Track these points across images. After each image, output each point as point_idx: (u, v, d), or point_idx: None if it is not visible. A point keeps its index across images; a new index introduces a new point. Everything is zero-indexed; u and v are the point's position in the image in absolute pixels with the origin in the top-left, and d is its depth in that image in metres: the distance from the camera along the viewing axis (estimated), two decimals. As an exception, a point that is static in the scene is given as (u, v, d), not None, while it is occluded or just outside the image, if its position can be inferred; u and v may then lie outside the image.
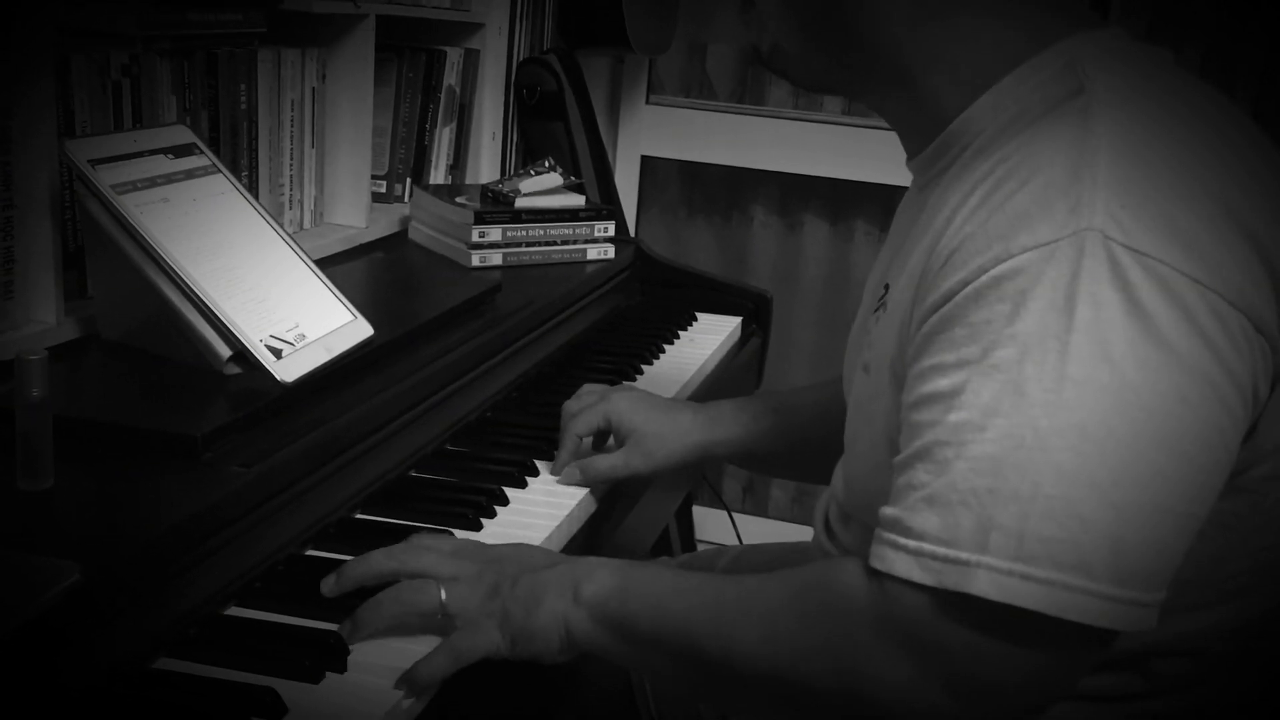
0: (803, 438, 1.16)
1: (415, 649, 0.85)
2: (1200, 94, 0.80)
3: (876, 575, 0.74)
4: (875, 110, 0.92)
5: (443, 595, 0.86)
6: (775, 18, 0.88)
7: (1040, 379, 0.69)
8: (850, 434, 0.95)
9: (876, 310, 0.90)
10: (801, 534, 2.66)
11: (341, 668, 0.83)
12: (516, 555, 0.91)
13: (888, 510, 0.74)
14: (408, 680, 0.82)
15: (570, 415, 1.19)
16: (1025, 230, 0.71)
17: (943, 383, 0.73)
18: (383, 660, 0.84)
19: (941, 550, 0.70)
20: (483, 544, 0.95)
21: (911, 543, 0.71)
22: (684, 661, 0.82)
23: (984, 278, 0.71)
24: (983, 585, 0.68)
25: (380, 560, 0.90)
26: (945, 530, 0.70)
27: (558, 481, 1.16)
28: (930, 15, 0.83)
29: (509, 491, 1.13)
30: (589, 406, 1.19)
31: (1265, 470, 0.76)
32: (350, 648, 0.85)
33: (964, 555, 0.69)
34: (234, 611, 0.89)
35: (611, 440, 1.21)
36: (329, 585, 0.90)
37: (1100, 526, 0.68)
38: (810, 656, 0.75)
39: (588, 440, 1.20)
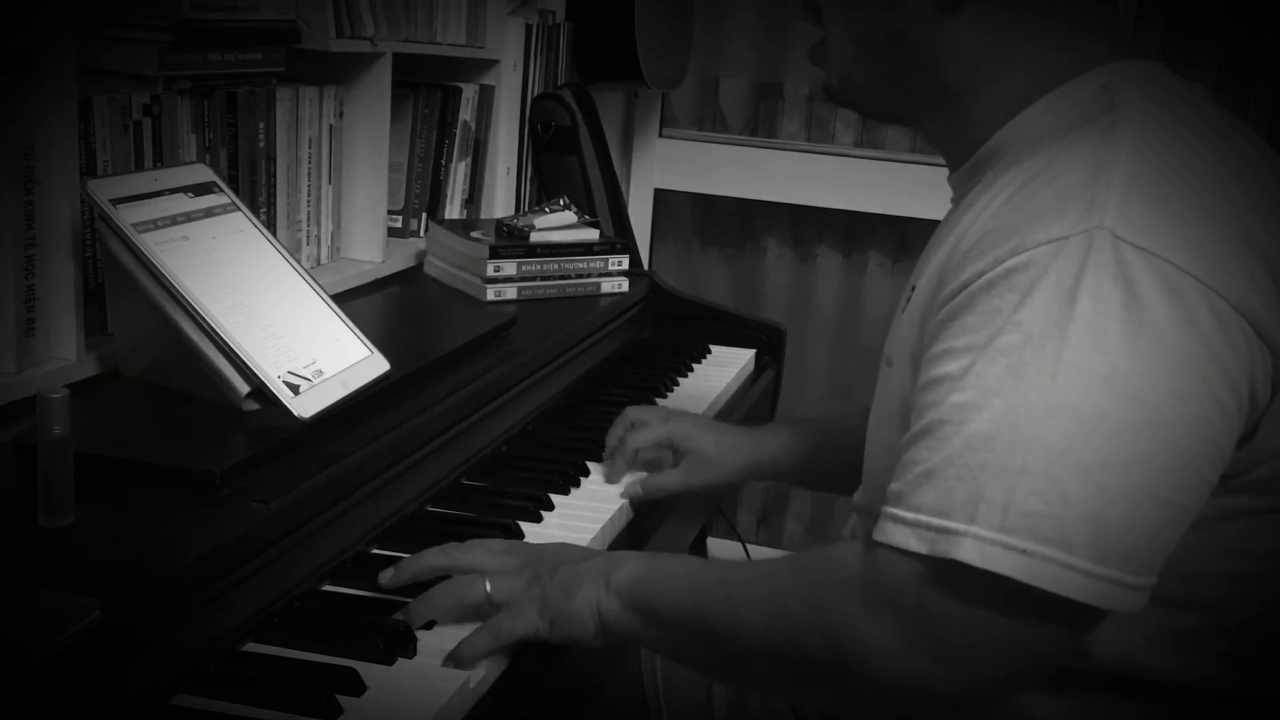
0: (847, 456, 1.19)
1: (431, 702, 0.85)
2: (1230, 126, 0.84)
3: (872, 547, 0.77)
4: (921, 133, 0.99)
5: (488, 587, 0.94)
6: (847, 53, 0.94)
7: (1038, 364, 0.72)
8: (870, 429, 0.99)
9: (902, 311, 0.94)
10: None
11: (358, 704, 0.84)
12: (556, 550, 0.99)
13: (892, 486, 0.78)
14: (454, 657, 0.89)
15: (630, 424, 1.29)
16: (1040, 226, 0.75)
17: (951, 366, 0.77)
18: (399, 699, 0.85)
19: (935, 521, 0.73)
20: (527, 543, 1.04)
21: (909, 514, 0.75)
22: (698, 639, 0.87)
23: (998, 269, 0.76)
24: (968, 552, 0.71)
25: (434, 556, 0.98)
26: (940, 502, 0.74)
27: (620, 493, 1.24)
28: (993, 46, 0.88)
29: (525, 526, 1.13)
30: (652, 423, 1.28)
31: (1265, 472, 0.79)
32: (368, 686, 0.85)
33: (954, 525, 0.72)
34: (251, 647, 0.90)
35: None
36: (386, 577, 0.98)
37: (1083, 505, 0.71)
38: (804, 625, 0.79)
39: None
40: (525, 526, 1.13)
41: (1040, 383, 0.72)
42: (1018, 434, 0.72)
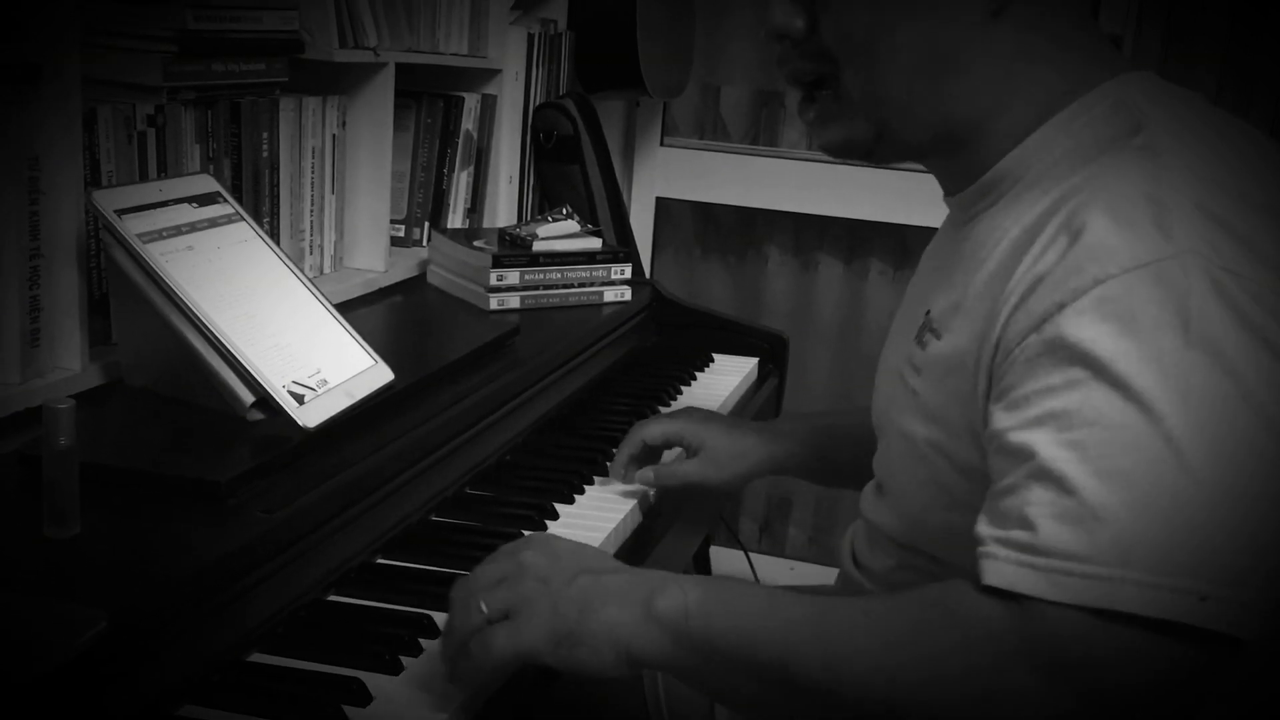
0: (854, 454, 1.18)
1: (438, 711, 0.85)
2: (1239, 130, 0.85)
3: (1005, 597, 0.72)
4: (926, 165, 0.94)
5: (483, 608, 0.82)
6: (881, 96, 0.88)
7: (1164, 391, 0.69)
8: (888, 457, 0.96)
9: (919, 336, 0.91)
10: (818, 574, 2.66)
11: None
12: (576, 552, 0.87)
13: (998, 530, 0.73)
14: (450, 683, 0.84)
15: (642, 425, 1.27)
16: (1120, 252, 0.73)
17: (1053, 404, 0.73)
18: (406, 708, 0.85)
19: (1079, 567, 0.69)
20: (549, 537, 0.90)
21: (1042, 560, 0.70)
22: (778, 686, 0.77)
23: (1082, 300, 0.73)
24: (1131, 600, 0.68)
25: (449, 615, 0.86)
26: (1082, 547, 0.70)
27: (634, 482, 1.24)
28: (1019, 52, 0.86)
29: (529, 535, 1.13)
30: (663, 417, 1.27)
31: None
32: (374, 696, 0.85)
33: (1106, 571, 0.69)
34: (257, 658, 0.89)
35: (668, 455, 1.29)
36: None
37: (1240, 535, 0.69)
38: (937, 684, 0.73)
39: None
40: (530, 535, 1.13)
41: (1171, 412, 0.69)
42: (1161, 469, 0.69)
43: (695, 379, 1.72)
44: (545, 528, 1.16)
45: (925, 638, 0.74)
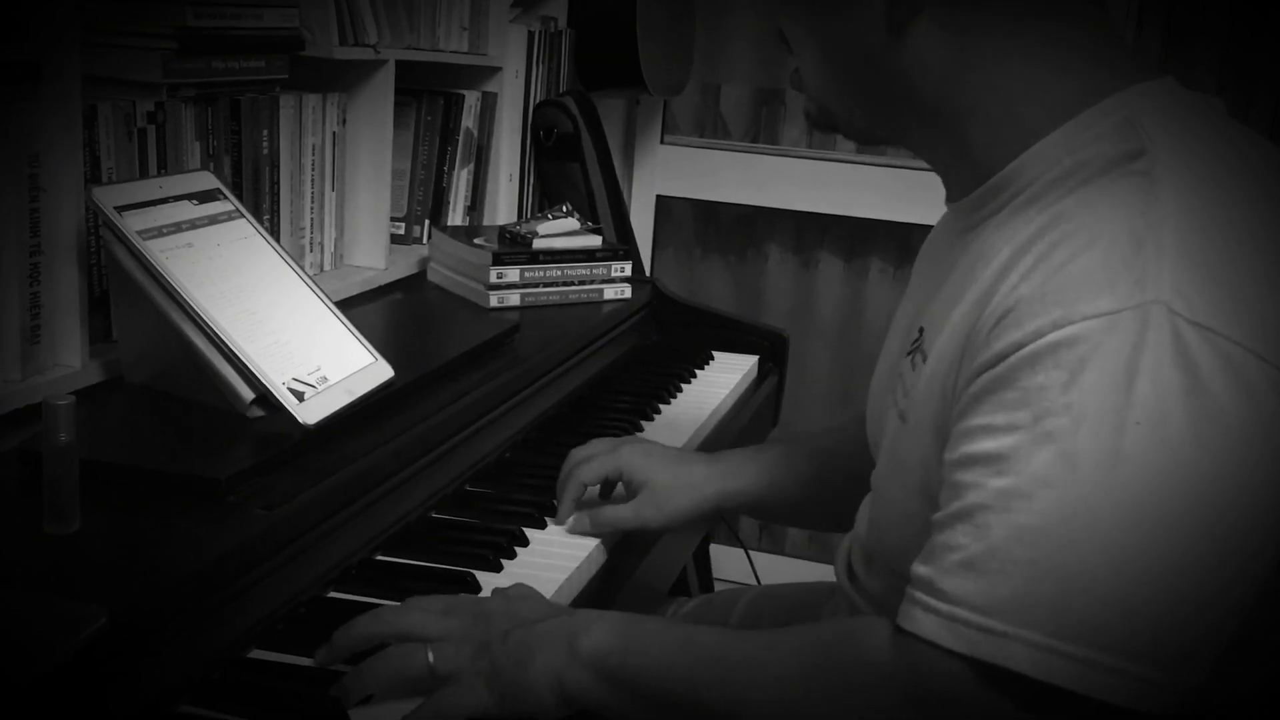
0: (817, 487, 1.16)
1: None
2: (1254, 147, 0.79)
3: (903, 636, 0.72)
4: (913, 153, 0.92)
5: (430, 657, 0.84)
6: (819, 80, 0.88)
7: (1094, 453, 0.67)
8: (880, 479, 0.94)
9: (911, 354, 0.89)
10: (819, 572, 2.65)
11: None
12: (509, 609, 0.88)
13: (921, 569, 0.73)
14: None
15: (576, 462, 1.17)
16: (1086, 297, 0.70)
17: (990, 445, 0.71)
18: (405, 706, 0.84)
19: (976, 618, 0.69)
20: (477, 598, 0.92)
21: (945, 606, 0.70)
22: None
23: (1040, 342, 0.70)
24: (1019, 660, 0.67)
25: (367, 624, 0.87)
26: (982, 597, 0.69)
27: (566, 529, 1.15)
28: (974, 65, 0.81)
29: (529, 532, 1.13)
30: (599, 455, 1.16)
31: None
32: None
33: (1000, 626, 0.68)
34: (257, 654, 0.89)
35: (620, 490, 1.20)
36: (321, 656, 0.87)
37: (1145, 609, 0.67)
38: (827, 707, 0.74)
39: (593, 489, 1.19)
40: (530, 533, 1.13)
41: (1096, 476, 0.67)
42: (1073, 530, 0.67)
43: (695, 377, 1.72)
44: (545, 525, 1.16)
45: (813, 670, 0.76)
